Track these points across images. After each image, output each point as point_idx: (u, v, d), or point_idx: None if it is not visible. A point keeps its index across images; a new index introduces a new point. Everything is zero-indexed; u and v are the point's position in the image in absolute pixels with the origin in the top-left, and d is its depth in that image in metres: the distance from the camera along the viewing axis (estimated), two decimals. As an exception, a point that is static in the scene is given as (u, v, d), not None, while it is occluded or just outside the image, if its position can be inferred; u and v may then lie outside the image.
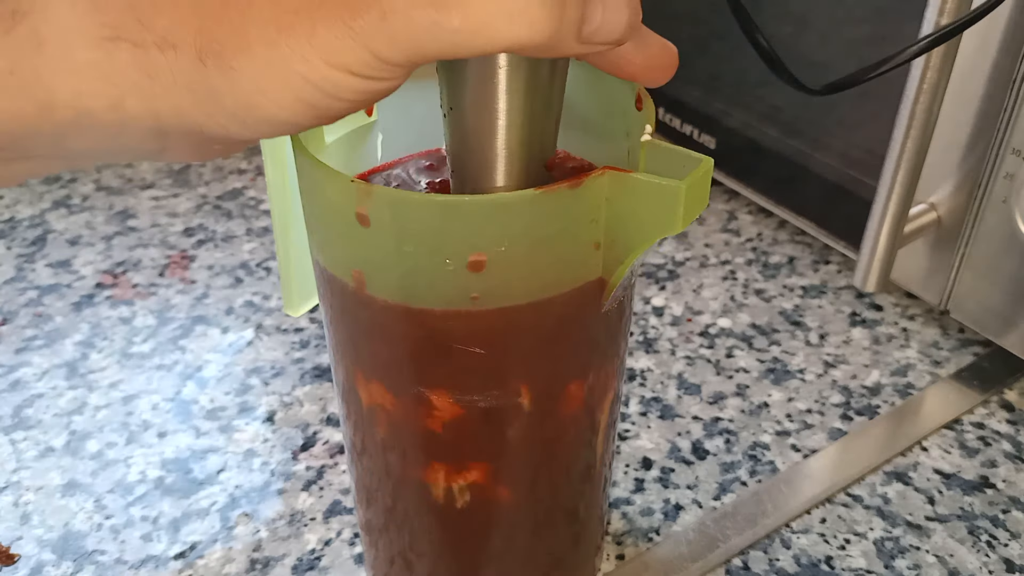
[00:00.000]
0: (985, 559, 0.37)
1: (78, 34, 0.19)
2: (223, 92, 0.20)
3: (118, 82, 0.20)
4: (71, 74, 0.20)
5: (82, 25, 0.19)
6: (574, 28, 0.20)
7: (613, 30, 0.20)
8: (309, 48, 0.19)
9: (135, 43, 0.19)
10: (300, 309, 0.34)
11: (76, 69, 0.20)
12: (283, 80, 0.19)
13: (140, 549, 0.37)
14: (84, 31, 0.19)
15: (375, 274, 0.25)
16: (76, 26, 0.19)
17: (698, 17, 0.56)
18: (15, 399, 0.45)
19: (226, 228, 0.58)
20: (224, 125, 0.20)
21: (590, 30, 0.20)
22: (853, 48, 0.47)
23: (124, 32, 0.19)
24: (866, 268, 0.44)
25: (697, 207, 0.22)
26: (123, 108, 0.20)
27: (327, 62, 0.19)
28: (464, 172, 0.25)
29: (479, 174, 0.25)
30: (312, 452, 0.42)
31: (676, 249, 0.57)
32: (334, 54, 0.19)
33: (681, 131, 0.58)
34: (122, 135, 0.21)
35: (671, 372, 0.47)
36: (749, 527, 0.38)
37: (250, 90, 0.20)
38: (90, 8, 0.19)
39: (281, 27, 0.19)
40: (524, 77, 0.23)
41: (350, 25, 0.19)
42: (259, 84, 0.19)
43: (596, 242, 0.24)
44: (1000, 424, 0.44)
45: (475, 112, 0.24)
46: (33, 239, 0.57)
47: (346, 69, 0.19)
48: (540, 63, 0.23)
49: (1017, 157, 0.40)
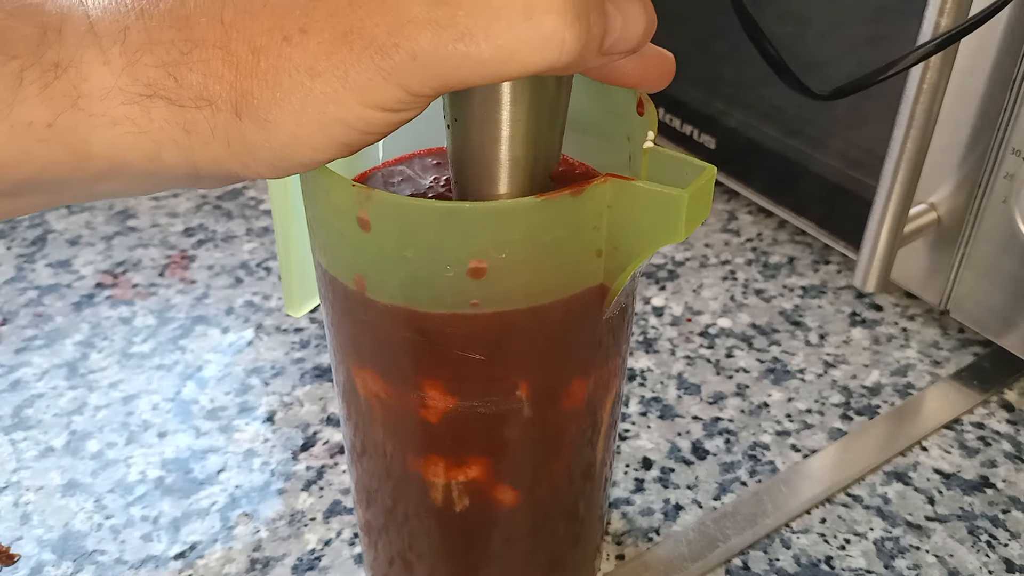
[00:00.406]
0: (985, 559, 0.37)
1: (115, 90, 0.20)
2: (260, 144, 0.20)
3: (155, 136, 0.20)
4: (108, 128, 0.20)
5: (119, 82, 0.20)
6: (597, 43, 0.20)
7: (632, 39, 0.21)
8: (343, 91, 0.19)
9: (170, 100, 0.20)
10: (301, 309, 0.34)
11: (113, 123, 0.20)
12: (319, 125, 0.20)
13: (140, 549, 0.37)
14: (121, 87, 0.20)
15: (376, 278, 0.25)
16: (112, 83, 0.20)
17: (698, 17, 0.56)
18: (15, 399, 0.45)
19: (226, 228, 0.58)
20: (259, 172, 0.21)
21: (611, 41, 0.20)
22: (853, 48, 0.47)
23: (159, 89, 0.20)
24: (866, 268, 0.44)
25: (699, 215, 0.22)
26: (160, 159, 0.20)
27: (361, 103, 0.20)
28: (467, 181, 0.25)
29: (482, 184, 0.25)
30: (312, 452, 0.42)
31: (676, 249, 0.57)
32: (368, 95, 0.19)
33: (681, 131, 0.58)
34: (156, 180, 0.22)
35: (671, 372, 0.47)
36: (749, 527, 0.39)
37: (287, 140, 0.20)
38: (125, 64, 0.20)
39: (315, 74, 0.19)
40: (530, 88, 0.23)
41: (381, 67, 0.19)
42: (296, 132, 0.20)
43: (598, 249, 0.24)
44: (1000, 424, 0.44)
45: (479, 124, 0.23)
46: (33, 239, 0.57)
47: (380, 107, 0.20)
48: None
49: (1017, 157, 0.40)
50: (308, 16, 0.19)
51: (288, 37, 0.19)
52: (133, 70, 0.20)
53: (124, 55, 0.20)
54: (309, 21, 0.19)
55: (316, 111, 0.20)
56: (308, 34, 0.19)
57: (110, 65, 0.20)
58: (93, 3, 0.20)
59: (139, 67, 0.20)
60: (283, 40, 0.19)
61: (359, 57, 0.19)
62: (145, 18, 0.20)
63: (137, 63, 0.20)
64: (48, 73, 0.19)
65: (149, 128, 0.20)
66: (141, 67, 0.20)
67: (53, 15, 0.20)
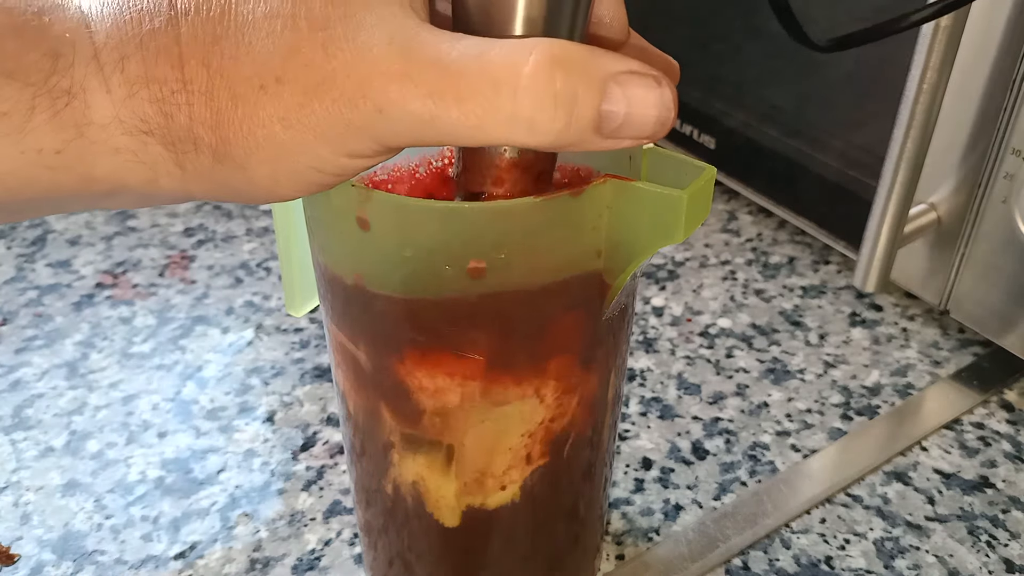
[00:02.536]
0: (985, 559, 0.37)
1: (115, 121, 0.20)
2: (240, 185, 0.21)
3: (153, 166, 0.21)
4: (110, 156, 0.20)
5: (118, 113, 0.20)
6: (588, 127, 0.19)
7: (642, 125, 0.20)
8: (315, 142, 0.20)
9: (163, 137, 0.20)
10: (302, 309, 0.34)
11: (115, 151, 0.20)
12: (293, 172, 0.20)
13: (140, 549, 0.37)
14: (120, 119, 0.20)
15: (375, 278, 0.25)
16: (113, 113, 0.20)
17: (698, 18, 0.56)
18: (15, 399, 0.45)
19: (226, 228, 0.58)
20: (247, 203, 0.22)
21: (612, 127, 0.20)
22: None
23: (154, 126, 0.20)
24: (866, 268, 0.44)
25: (699, 216, 0.22)
26: (158, 184, 0.21)
27: (333, 152, 0.20)
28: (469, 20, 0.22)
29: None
30: (312, 452, 0.42)
31: (676, 249, 0.57)
32: (340, 145, 0.20)
33: (681, 131, 0.58)
34: (155, 199, 0.23)
35: (671, 372, 0.47)
36: (749, 527, 0.39)
37: (264, 183, 0.20)
38: (124, 96, 0.20)
39: (287, 125, 0.19)
40: None
41: (351, 120, 0.19)
42: (272, 176, 0.20)
43: (597, 250, 0.24)
44: (1000, 424, 0.44)
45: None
46: (33, 239, 0.57)
47: (353, 155, 0.20)
48: None
49: (1017, 157, 0.40)
50: (285, 65, 0.19)
51: (264, 86, 0.19)
52: (131, 103, 0.20)
53: (123, 86, 0.20)
54: (285, 71, 0.19)
55: (289, 160, 0.20)
56: (283, 84, 0.19)
57: (111, 95, 0.20)
58: (96, 27, 0.20)
59: (136, 101, 0.20)
60: (260, 89, 0.19)
61: (328, 109, 0.19)
62: (143, 49, 0.20)
63: (135, 96, 0.20)
64: (59, 100, 0.20)
65: (146, 159, 0.20)
66: (138, 101, 0.20)
67: (63, 40, 0.20)
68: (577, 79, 0.19)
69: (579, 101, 0.19)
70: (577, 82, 0.19)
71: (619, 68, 0.19)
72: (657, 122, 0.20)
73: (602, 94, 0.19)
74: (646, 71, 0.20)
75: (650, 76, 0.20)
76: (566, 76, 0.18)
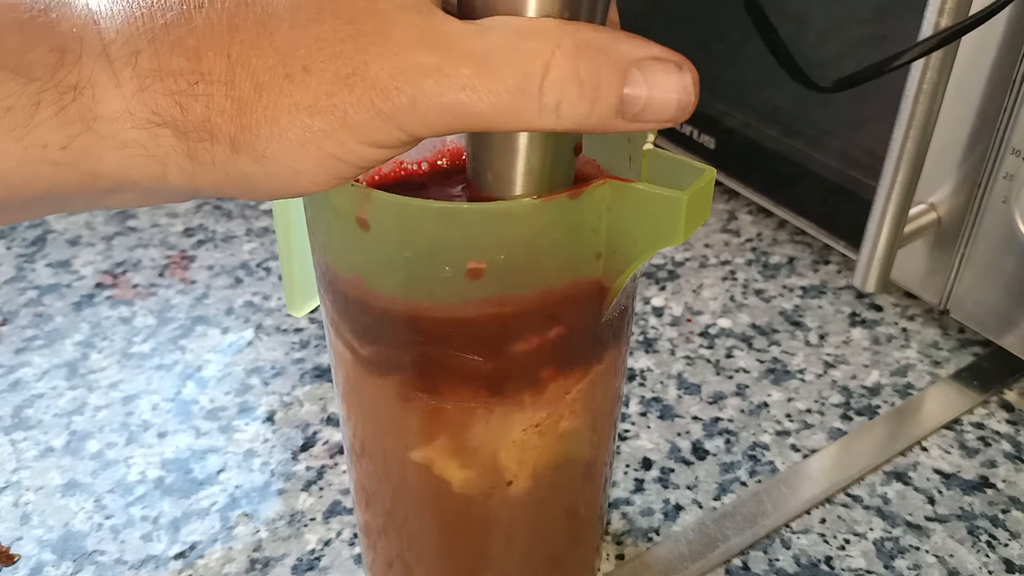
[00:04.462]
0: (985, 559, 0.37)
1: (125, 114, 0.20)
2: (256, 176, 0.21)
3: (162, 160, 0.20)
4: (118, 150, 0.20)
5: (129, 106, 0.20)
6: (610, 111, 0.20)
7: (664, 109, 0.21)
8: (341, 130, 0.20)
9: (176, 128, 0.20)
10: (303, 309, 0.34)
11: (123, 145, 0.20)
12: (315, 160, 0.20)
13: (140, 549, 0.37)
14: (131, 112, 0.20)
15: (374, 278, 0.25)
16: (123, 107, 0.20)
17: (698, 17, 0.56)
18: (15, 399, 0.45)
19: (226, 228, 0.58)
20: (255, 198, 0.22)
21: (635, 111, 0.20)
22: (853, 48, 0.47)
23: (167, 117, 0.20)
24: (866, 268, 0.44)
25: (699, 217, 0.22)
26: (165, 180, 0.21)
27: (358, 141, 0.20)
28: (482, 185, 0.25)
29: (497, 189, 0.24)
30: (312, 452, 0.42)
31: (676, 249, 0.57)
32: (365, 134, 0.20)
33: (681, 131, 0.58)
34: (160, 196, 0.23)
35: (671, 372, 0.47)
36: (749, 527, 0.39)
37: (283, 173, 0.20)
38: (136, 90, 0.20)
39: (315, 112, 0.20)
40: None
41: (380, 109, 0.19)
42: (292, 166, 0.20)
43: (597, 251, 0.24)
44: (1000, 424, 0.44)
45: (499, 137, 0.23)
46: (33, 239, 0.57)
47: (376, 144, 0.20)
48: None
49: (1017, 157, 0.40)
50: (312, 56, 0.20)
51: (291, 75, 0.20)
52: (143, 96, 0.20)
53: (135, 80, 0.20)
54: (313, 60, 0.20)
55: (313, 147, 0.20)
56: (311, 73, 0.20)
57: (121, 88, 0.20)
58: (106, 23, 0.20)
59: (149, 94, 0.20)
60: (285, 77, 0.20)
61: (359, 98, 0.19)
62: (156, 44, 0.20)
63: (147, 89, 0.20)
64: (65, 96, 0.20)
65: (156, 152, 0.20)
66: (151, 94, 0.20)
67: (70, 35, 0.20)
68: (601, 65, 0.20)
69: (602, 86, 0.20)
70: (600, 68, 0.20)
71: (641, 53, 0.20)
72: (678, 106, 0.21)
73: (624, 79, 0.20)
74: (668, 56, 0.21)
75: (671, 61, 0.20)
76: (590, 62, 0.20)
